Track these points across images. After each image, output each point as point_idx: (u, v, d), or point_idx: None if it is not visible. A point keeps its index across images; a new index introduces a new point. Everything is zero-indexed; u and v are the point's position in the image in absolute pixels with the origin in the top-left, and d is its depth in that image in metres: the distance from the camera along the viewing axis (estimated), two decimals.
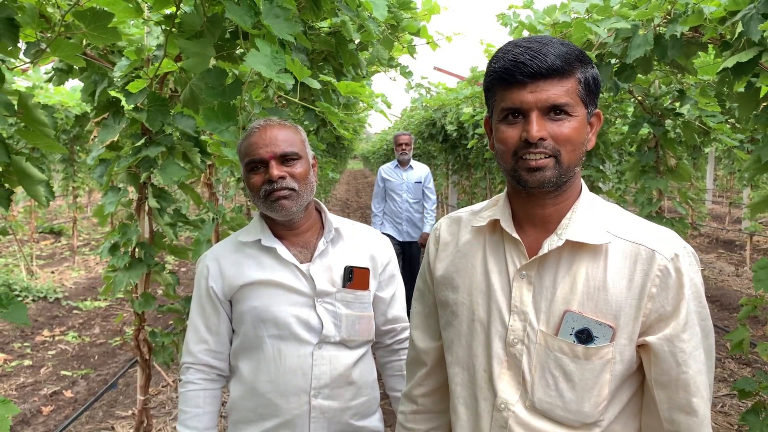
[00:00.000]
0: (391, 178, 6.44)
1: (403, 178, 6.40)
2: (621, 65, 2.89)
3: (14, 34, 1.41)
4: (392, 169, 6.50)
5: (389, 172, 6.50)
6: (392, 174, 6.46)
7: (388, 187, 6.44)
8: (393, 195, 6.42)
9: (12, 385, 4.91)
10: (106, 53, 2.62)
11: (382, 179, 6.51)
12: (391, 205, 6.46)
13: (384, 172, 6.54)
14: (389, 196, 6.46)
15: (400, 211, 6.39)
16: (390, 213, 6.48)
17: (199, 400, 1.71)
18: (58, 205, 16.50)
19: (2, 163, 1.44)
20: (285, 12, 1.72)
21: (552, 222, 1.21)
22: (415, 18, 2.78)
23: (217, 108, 1.76)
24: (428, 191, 6.46)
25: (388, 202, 6.48)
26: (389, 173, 6.49)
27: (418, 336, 1.43)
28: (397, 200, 6.39)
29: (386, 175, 6.50)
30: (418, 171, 6.46)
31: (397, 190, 6.39)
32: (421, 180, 6.43)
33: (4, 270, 8.32)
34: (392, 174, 6.46)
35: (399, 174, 6.42)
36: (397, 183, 6.39)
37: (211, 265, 1.73)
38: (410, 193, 6.40)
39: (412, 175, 6.42)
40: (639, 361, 1.18)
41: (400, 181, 6.39)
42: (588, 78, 1.15)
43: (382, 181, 6.52)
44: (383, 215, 6.52)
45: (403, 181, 6.39)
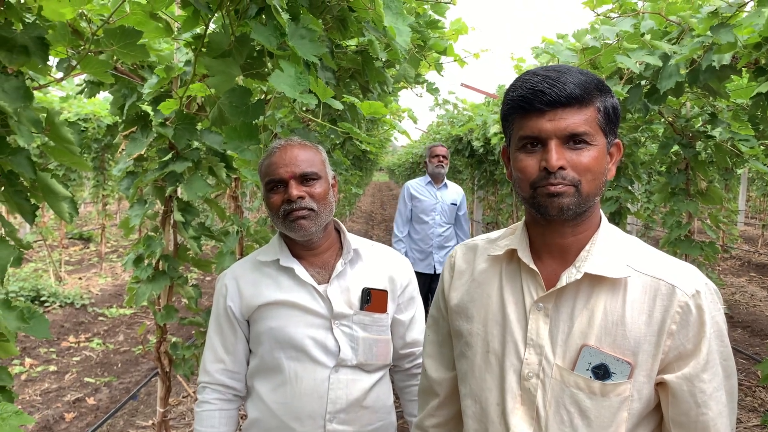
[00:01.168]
0: (421, 197, 5.33)
1: (437, 198, 5.33)
2: (651, 87, 2.85)
3: (44, 53, 1.43)
4: (423, 185, 5.38)
5: (419, 189, 5.37)
6: (423, 192, 5.35)
7: (416, 207, 5.34)
8: (422, 217, 5.31)
9: (36, 391, 4.98)
10: (135, 68, 2.66)
11: (410, 197, 5.38)
12: (419, 229, 5.34)
13: (412, 189, 5.39)
14: (417, 218, 5.36)
15: (429, 236, 5.30)
16: (417, 239, 5.36)
17: (214, 420, 1.70)
18: (87, 212, 16.79)
19: (28, 180, 1.46)
20: (310, 33, 1.73)
21: (571, 253, 1.18)
22: (442, 37, 2.78)
23: (239, 127, 1.77)
24: (463, 218, 5.48)
25: (415, 226, 5.38)
26: (419, 190, 5.36)
27: (431, 365, 1.41)
28: (428, 223, 5.30)
29: (415, 192, 5.37)
30: (453, 191, 5.42)
31: (428, 211, 5.30)
32: (456, 202, 5.38)
33: (34, 275, 8.47)
34: (423, 192, 5.35)
35: (431, 192, 5.34)
36: (428, 203, 5.30)
37: (229, 284, 1.73)
38: (444, 217, 5.33)
39: (447, 195, 5.36)
40: (657, 400, 1.14)
41: (433, 201, 5.31)
42: (607, 107, 1.13)
43: (409, 199, 5.39)
44: (408, 241, 5.42)
45: (436, 201, 5.32)
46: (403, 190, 5.53)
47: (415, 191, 5.39)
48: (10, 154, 1.41)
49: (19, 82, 1.36)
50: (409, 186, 5.46)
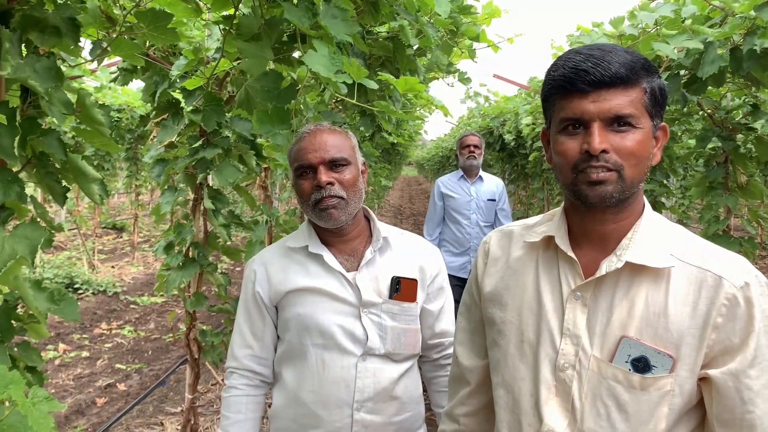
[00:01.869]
0: (453, 194, 4.72)
1: (471, 194, 4.69)
2: (691, 77, 2.76)
3: (76, 34, 1.42)
4: (455, 181, 4.76)
5: (451, 185, 4.77)
6: (455, 188, 4.74)
7: (449, 206, 4.75)
8: (457, 217, 4.70)
9: (70, 376, 5.07)
10: (167, 55, 2.66)
11: (440, 195, 4.79)
12: (454, 230, 4.72)
13: (443, 186, 4.79)
14: (451, 218, 4.75)
15: (466, 238, 4.68)
16: (451, 241, 4.74)
17: (242, 406, 1.69)
18: (121, 202, 17.07)
19: (59, 161, 1.46)
20: (342, 12, 1.70)
21: (611, 241, 1.13)
22: (474, 22, 2.73)
23: (271, 111, 1.75)
24: (503, 214, 4.80)
25: (449, 226, 4.76)
26: (451, 187, 4.76)
27: (463, 353, 1.38)
28: (462, 223, 4.68)
29: (447, 189, 4.77)
30: (491, 184, 4.77)
31: (462, 209, 4.68)
32: (494, 197, 4.73)
33: (68, 263, 8.63)
34: (455, 188, 4.74)
35: (465, 188, 4.72)
36: (462, 200, 4.69)
37: (258, 269, 1.71)
38: (481, 215, 4.70)
39: (484, 190, 4.73)
40: (700, 396, 1.09)
41: (467, 197, 4.69)
42: (654, 88, 1.08)
43: (440, 197, 4.79)
44: (439, 243, 4.81)
45: (471, 197, 4.68)
46: (433, 188, 4.93)
47: (447, 188, 4.78)
48: (42, 135, 1.41)
49: (51, 63, 1.35)
50: (439, 183, 4.85)
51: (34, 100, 1.42)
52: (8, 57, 1.27)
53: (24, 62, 1.31)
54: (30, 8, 1.35)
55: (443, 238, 4.79)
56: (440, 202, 4.80)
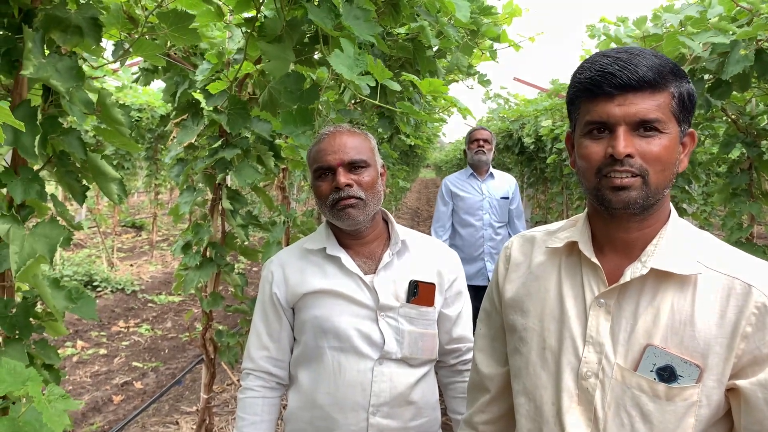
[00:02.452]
0: (463, 193, 4.35)
1: (483, 192, 4.33)
2: (715, 81, 2.72)
3: (97, 33, 1.43)
4: (464, 179, 4.40)
5: (460, 184, 4.41)
6: (464, 186, 4.38)
7: (459, 207, 4.36)
8: (467, 219, 4.31)
9: (87, 373, 5.11)
10: (188, 56, 2.67)
11: (449, 194, 4.41)
12: (464, 234, 4.33)
13: (451, 185, 4.42)
14: (460, 220, 4.35)
15: (479, 242, 4.30)
16: (462, 245, 4.32)
17: (257, 408, 1.69)
18: (140, 201, 17.22)
19: (79, 160, 1.47)
20: (365, 13, 1.70)
21: (636, 247, 1.11)
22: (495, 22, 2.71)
23: (295, 112, 1.75)
24: (516, 214, 4.43)
25: (459, 231, 4.36)
26: (460, 186, 4.40)
27: (483, 360, 1.36)
28: (475, 225, 4.29)
29: (455, 188, 4.40)
30: (502, 182, 4.41)
31: (473, 210, 4.31)
32: (507, 195, 4.37)
33: (87, 261, 8.71)
34: (464, 186, 4.38)
35: (475, 186, 4.35)
36: (473, 200, 4.31)
37: (275, 270, 1.71)
38: (494, 214, 4.32)
39: (495, 188, 4.36)
40: (728, 407, 1.06)
41: (479, 196, 4.32)
42: (683, 93, 1.05)
43: (448, 196, 4.41)
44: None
45: (482, 196, 4.32)
46: (441, 188, 4.51)
47: (456, 187, 4.39)
48: (62, 134, 1.42)
49: (72, 62, 1.36)
50: (447, 182, 4.46)
51: (56, 99, 1.43)
52: (30, 56, 1.27)
53: (46, 62, 1.32)
54: (53, 8, 1.36)
55: (452, 244, 4.32)
56: (449, 203, 4.40)
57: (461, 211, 4.34)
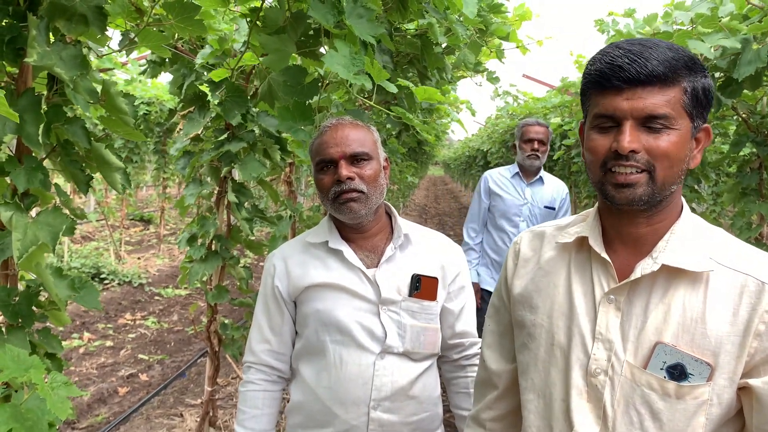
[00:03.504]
0: (503, 193, 3.84)
1: (526, 197, 3.79)
2: (726, 79, 2.69)
3: (102, 23, 1.42)
4: (507, 178, 3.88)
5: (501, 182, 3.89)
6: (506, 186, 3.86)
7: (495, 207, 3.86)
8: (502, 223, 3.82)
9: (93, 364, 5.13)
10: (195, 48, 2.67)
11: (487, 192, 3.92)
12: (496, 238, 3.86)
13: (492, 181, 3.92)
14: (494, 223, 3.87)
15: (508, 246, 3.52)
16: (492, 250, 3.89)
17: (258, 401, 1.68)
18: (149, 194, 17.28)
19: (83, 149, 1.46)
20: (369, 12, 1.68)
21: (646, 243, 1.10)
22: (504, 22, 2.69)
23: (292, 107, 1.74)
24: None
25: (491, 233, 3.90)
26: (502, 184, 3.87)
27: (491, 356, 1.34)
28: (508, 231, 3.82)
29: (496, 186, 3.88)
30: (551, 188, 3.84)
31: (510, 214, 3.80)
32: (554, 205, 3.80)
33: (95, 253, 8.75)
34: (506, 186, 3.86)
35: (519, 188, 3.83)
36: (513, 203, 3.80)
37: (277, 264, 1.70)
38: (533, 224, 3.75)
39: (541, 194, 3.80)
40: (740, 406, 1.04)
41: (521, 200, 3.80)
42: (697, 88, 1.03)
43: (486, 194, 3.93)
44: (481, 251, 3.95)
45: (524, 201, 3.79)
46: (479, 182, 4.04)
47: (496, 185, 3.89)
48: (66, 123, 1.42)
49: (77, 51, 1.35)
50: (488, 177, 3.96)
51: (60, 88, 1.42)
52: (35, 44, 1.27)
53: (50, 50, 1.31)
54: None
55: (482, 244, 3.99)
56: (486, 201, 3.92)
57: (497, 212, 3.85)
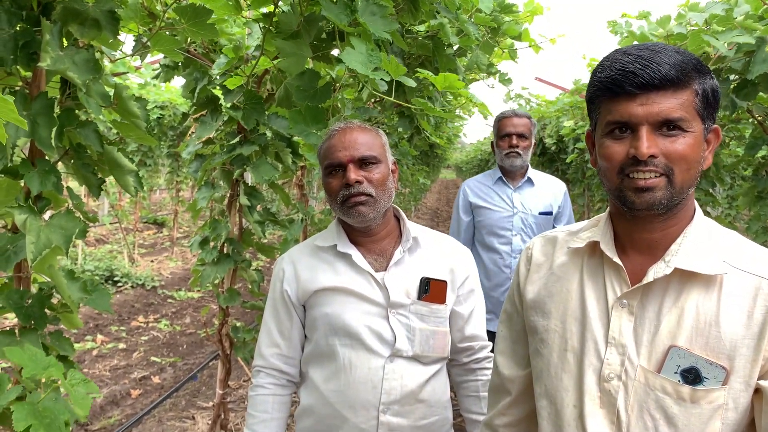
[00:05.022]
0: (488, 204, 3.15)
1: (515, 205, 3.11)
2: (741, 81, 2.66)
3: (115, 27, 1.43)
4: (489, 185, 3.20)
5: (483, 191, 3.21)
6: (488, 195, 3.18)
7: (481, 223, 3.17)
8: (492, 240, 3.12)
9: (106, 367, 5.16)
10: (207, 52, 2.68)
11: (467, 207, 3.24)
12: (486, 258, 3.14)
13: (472, 192, 3.24)
14: (482, 240, 3.17)
15: (503, 272, 3.12)
16: (482, 274, 3.07)
17: (268, 405, 1.68)
18: (162, 197, 17.39)
19: (95, 152, 1.47)
20: (381, 9, 1.68)
21: (659, 248, 1.09)
22: (516, 21, 2.68)
23: (304, 111, 1.74)
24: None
25: (480, 252, 3.18)
26: (484, 194, 3.19)
27: (504, 362, 1.34)
28: (500, 250, 3.10)
29: (477, 197, 3.20)
30: (545, 190, 3.16)
31: (500, 228, 3.10)
32: (550, 209, 3.13)
33: (109, 256, 8.81)
34: (488, 195, 3.18)
35: (505, 196, 3.14)
36: (500, 215, 3.11)
37: (286, 268, 1.70)
38: (529, 236, 3.09)
39: (533, 199, 3.12)
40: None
41: (508, 210, 3.11)
42: (706, 90, 1.03)
43: (466, 209, 3.25)
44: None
45: (513, 210, 3.10)
46: (458, 195, 3.36)
47: (477, 195, 3.21)
48: (79, 126, 1.43)
49: (89, 55, 1.36)
50: (466, 188, 3.28)
51: (73, 92, 1.43)
52: (48, 48, 1.28)
53: (63, 54, 1.32)
54: (71, 1, 1.37)
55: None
56: (468, 218, 3.24)
57: (483, 228, 3.16)
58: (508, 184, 3.16)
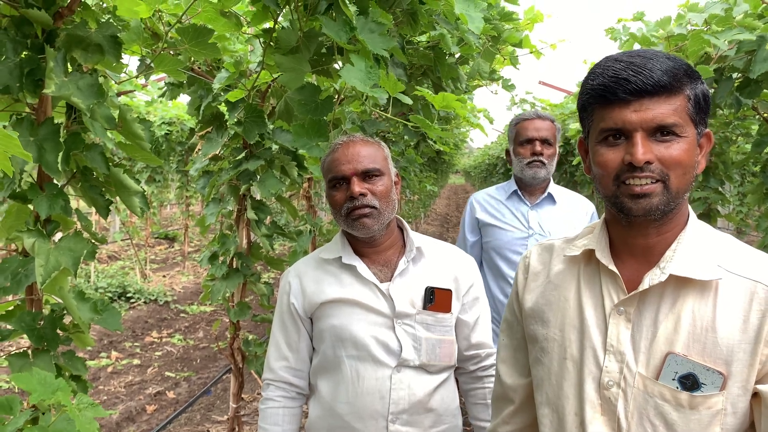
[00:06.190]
0: (500, 223, 2.64)
1: (531, 226, 2.59)
2: (744, 79, 2.66)
3: (118, 51, 1.46)
4: (502, 201, 2.67)
5: (495, 207, 2.69)
6: (502, 213, 2.66)
7: (490, 244, 2.66)
8: (501, 265, 2.61)
9: (121, 383, 5.19)
10: (211, 69, 2.71)
11: (474, 225, 2.74)
12: (494, 287, 2.64)
13: (481, 207, 2.73)
14: (492, 266, 2.66)
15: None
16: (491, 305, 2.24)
17: (278, 418, 1.70)
18: (172, 212, 17.49)
19: (102, 175, 1.50)
20: (380, 27, 1.70)
21: (654, 254, 1.09)
22: (516, 28, 2.69)
23: (307, 124, 1.76)
24: None
25: (488, 280, 2.67)
26: (496, 210, 2.68)
27: (506, 371, 1.34)
28: (510, 278, 2.57)
29: (487, 214, 2.69)
30: (569, 210, 2.62)
31: (510, 251, 2.59)
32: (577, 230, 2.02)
33: (121, 272, 8.87)
34: (502, 213, 2.66)
35: (520, 214, 2.62)
36: (512, 235, 2.60)
37: (293, 281, 1.72)
38: None
39: (554, 219, 2.59)
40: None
41: (524, 231, 2.59)
42: (698, 95, 1.04)
43: (473, 228, 2.75)
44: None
45: (529, 232, 2.58)
46: (464, 212, 2.86)
47: (486, 212, 2.70)
48: (85, 149, 1.45)
49: (93, 80, 1.39)
50: (474, 204, 2.78)
51: (78, 116, 1.46)
52: (53, 75, 1.30)
53: (68, 80, 1.35)
54: (74, 27, 1.39)
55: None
56: (474, 237, 2.74)
57: (492, 251, 2.62)
58: (524, 200, 2.63)
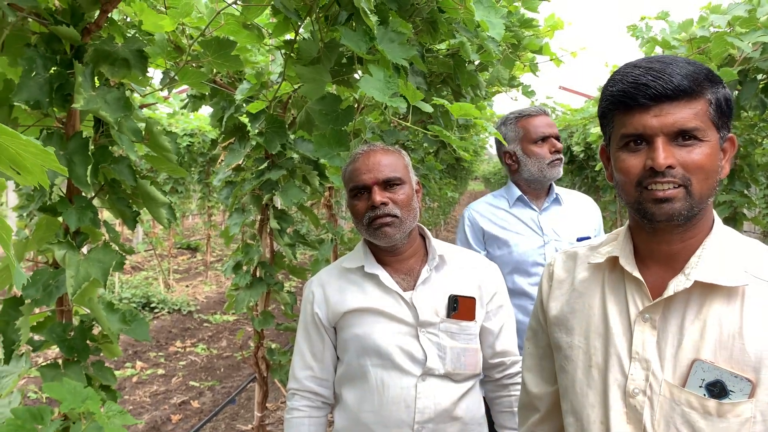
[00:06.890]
0: (511, 235, 2.35)
1: (545, 232, 2.35)
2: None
3: (144, 65, 1.48)
4: (507, 209, 2.41)
5: (501, 216, 2.40)
6: (511, 223, 2.38)
7: (500, 258, 2.31)
8: (519, 281, 2.32)
9: (146, 393, 5.24)
10: (233, 81, 2.74)
11: (479, 238, 2.41)
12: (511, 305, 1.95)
13: (485, 219, 2.41)
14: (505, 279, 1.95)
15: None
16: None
17: (303, 427, 1.70)
18: (195, 223, 17.65)
19: (129, 187, 1.52)
20: (399, 36, 1.71)
21: (679, 260, 1.08)
22: (537, 35, 2.69)
23: (327, 134, 1.78)
24: None
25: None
26: (503, 221, 2.39)
27: (531, 380, 1.34)
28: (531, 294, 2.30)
29: (494, 226, 2.38)
30: (577, 209, 2.44)
31: (528, 264, 2.32)
32: (589, 233, 2.38)
33: (145, 283, 8.97)
34: (511, 223, 2.38)
35: (530, 221, 2.37)
36: (529, 247, 2.33)
37: (316, 291, 1.73)
38: None
39: (565, 221, 2.38)
40: None
41: (539, 239, 2.34)
42: (720, 99, 1.03)
43: (479, 242, 2.41)
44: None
45: (544, 239, 2.33)
46: (460, 226, 2.52)
47: (492, 223, 2.40)
48: (113, 162, 1.48)
49: (120, 94, 1.41)
50: (475, 217, 2.45)
51: (106, 130, 1.49)
52: (81, 90, 1.33)
53: (96, 94, 1.37)
54: (101, 43, 1.42)
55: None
56: (482, 252, 2.39)
57: (505, 267, 2.28)
58: (531, 205, 2.39)
